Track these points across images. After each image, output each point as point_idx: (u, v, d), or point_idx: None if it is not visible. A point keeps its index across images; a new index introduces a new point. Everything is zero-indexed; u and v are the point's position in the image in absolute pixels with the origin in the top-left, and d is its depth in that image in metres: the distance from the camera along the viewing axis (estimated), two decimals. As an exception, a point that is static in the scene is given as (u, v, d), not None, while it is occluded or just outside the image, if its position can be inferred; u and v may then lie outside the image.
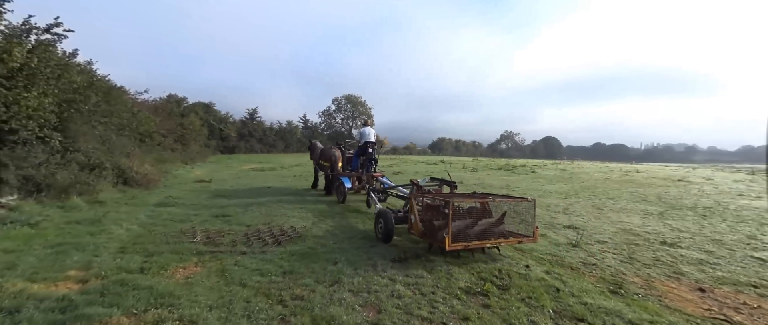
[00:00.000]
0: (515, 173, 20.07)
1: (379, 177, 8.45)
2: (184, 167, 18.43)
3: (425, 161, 32.32)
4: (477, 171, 21.08)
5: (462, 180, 14.71)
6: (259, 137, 39.76)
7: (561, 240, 5.31)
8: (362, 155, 9.23)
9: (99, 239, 4.61)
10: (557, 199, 10.00)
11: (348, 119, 60.66)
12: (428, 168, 22.65)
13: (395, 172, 19.02)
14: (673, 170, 29.44)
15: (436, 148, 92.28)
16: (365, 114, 59.16)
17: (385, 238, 4.81)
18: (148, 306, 2.83)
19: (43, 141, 7.68)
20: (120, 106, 13.64)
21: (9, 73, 6.88)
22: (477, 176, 17.73)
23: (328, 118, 59.89)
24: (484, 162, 35.60)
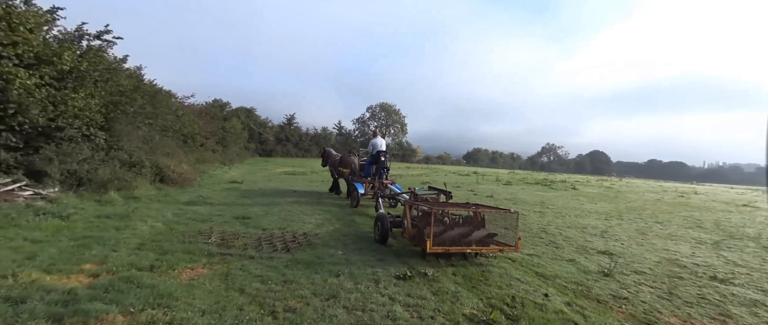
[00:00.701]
0: (553, 189, 18.90)
1: (389, 184, 8.80)
2: (222, 167, 19.37)
3: (457, 172, 31.55)
4: (511, 185, 20.13)
5: (492, 194, 14.09)
6: (295, 142, 41.12)
7: (591, 267, 4.77)
8: (375, 163, 9.55)
9: (122, 234, 4.82)
10: (596, 220, 9.17)
11: (381, 127, 61.06)
12: (458, 179, 22.03)
13: (423, 181, 18.65)
14: (738, 193, 26.31)
15: (470, 159, 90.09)
16: (399, 122, 59.25)
17: (381, 239, 5.17)
18: (146, 306, 2.84)
19: (88, 139, 8.35)
20: (165, 108, 14.64)
21: (59, 75, 7.58)
22: (510, 190, 16.88)
23: (362, 125, 60.73)
24: (520, 175, 34.06)
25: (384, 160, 9.49)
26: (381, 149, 9.54)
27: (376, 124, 59.89)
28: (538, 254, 5.30)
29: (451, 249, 4.40)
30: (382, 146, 9.63)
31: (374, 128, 44.62)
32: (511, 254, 5.15)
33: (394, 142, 61.58)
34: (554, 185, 21.59)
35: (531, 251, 5.44)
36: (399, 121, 61.40)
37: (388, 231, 5.11)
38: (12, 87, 6.45)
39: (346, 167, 10.09)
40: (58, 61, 7.63)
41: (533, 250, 5.55)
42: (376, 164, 9.50)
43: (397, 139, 62.28)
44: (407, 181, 18.25)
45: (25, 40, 6.90)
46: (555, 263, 4.86)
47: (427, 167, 40.51)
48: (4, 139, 6.63)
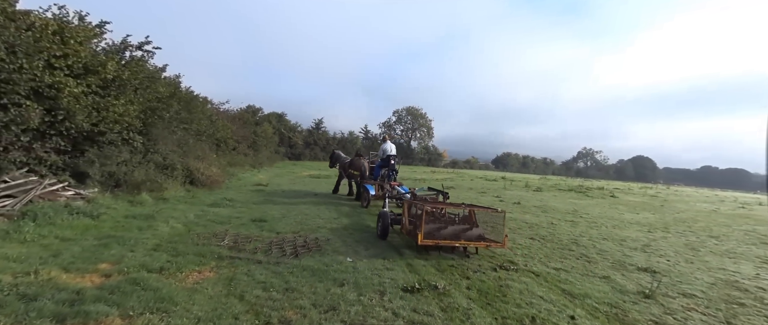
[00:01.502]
0: (588, 196, 17.69)
1: (396, 186, 9.15)
2: (252, 170, 20.04)
3: (484, 177, 30.55)
4: (541, 191, 19.08)
5: (520, 200, 13.40)
6: (322, 146, 41.95)
7: (629, 286, 4.26)
8: (385, 166, 10.05)
9: (143, 235, 4.99)
10: (637, 232, 8.37)
11: (408, 131, 60.81)
12: (484, 185, 21.26)
13: (448, 187, 18.18)
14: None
15: (499, 164, 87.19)
16: (425, 126, 58.65)
17: (382, 234, 5.69)
18: (145, 310, 2.84)
19: (127, 142, 8.89)
20: (199, 114, 15.39)
21: (103, 83, 8.12)
22: (539, 197, 15.98)
23: (388, 129, 60.74)
24: (552, 181, 32.34)
25: (393, 163, 9.99)
26: (391, 153, 10.02)
27: (402, 128, 59.70)
28: (566, 269, 4.85)
29: (440, 242, 4.91)
30: (391, 151, 10.11)
31: (384, 134, 46.03)
32: (535, 268, 4.77)
33: (420, 146, 60.94)
34: (590, 192, 20.21)
35: (558, 265, 4.99)
36: (425, 124, 60.77)
37: (388, 227, 5.65)
38: (62, 95, 6.98)
39: (356, 169, 10.57)
40: (103, 70, 8.20)
41: (561, 264, 5.09)
42: (386, 167, 10.00)
43: (423, 143, 61.63)
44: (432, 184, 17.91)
45: (75, 52, 7.48)
46: (585, 280, 4.41)
47: (453, 172, 39.65)
48: (55, 143, 7.18)
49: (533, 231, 7.49)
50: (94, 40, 8.86)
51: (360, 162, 10.52)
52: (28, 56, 6.00)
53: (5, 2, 5.82)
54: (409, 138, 61.31)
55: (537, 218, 9.47)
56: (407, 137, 61.13)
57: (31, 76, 6.11)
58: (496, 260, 5.05)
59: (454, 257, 4.96)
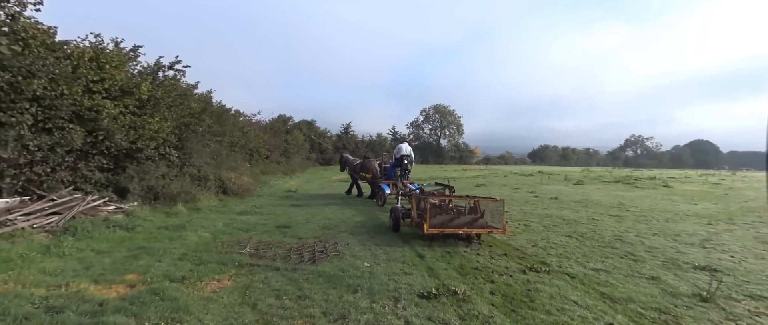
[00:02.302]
0: (638, 187, 16.27)
1: (408, 184, 9.52)
2: (284, 177, 20.63)
3: (519, 171, 29.21)
4: (582, 184, 17.85)
5: (557, 195, 12.59)
6: (351, 150, 42.38)
7: (682, 288, 3.74)
8: (398, 166, 10.54)
9: (171, 245, 5.18)
10: (695, 225, 7.49)
11: (436, 130, 59.82)
12: (518, 180, 20.27)
13: (478, 185, 17.57)
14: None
15: (536, 157, 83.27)
16: (454, 123, 57.42)
17: (394, 227, 6.21)
18: (160, 320, 2.88)
19: (163, 157, 9.42)
20: (231, 126, 16.07)
21: (139, 103, 8.67)
22: (581, 190, 14.93)
23: (416, 129, 60.21)
24: (596, 173, 30.25)
25: (406, 163, 10.48)
26: (404, 154, 10.48)
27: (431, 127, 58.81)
28: (607, 269, 4.37)
29: (445, 230, 5.41)
30: (404, 151, 10.55)
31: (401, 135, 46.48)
32: (571, 269, 4.36)
33: (449, 144, 59.65)
34: (640, 182, 18.56)
35: (598, 265, 4.52)
36: (454, 122, 59.47)
37: (399, 220, 6.20)
38: (101, 117, 7.53)
39: (367, 171, 11.08)
40: (138, 91, 8.77)
41: (602, 264, 4.60)
42: (399, 166, 10.52)
43: (452, 140, 60.30)
44: (461, 184, 17.39)
45: (111, 77, 8.05)
46: (629, 282, 3.93)
47: (485, 168, 38.35)
48: (97, 161, 7.76)
49: (571, 228, 6.93)
50: (129, 63, 9.51)
51: (371, 164, 11.10)
52: (68, 83, 6.51)
53: (45, 35, 6.36)
54: (438, 137, 60.36)
55: (576, 213, 8.79)
56: (436, 136, 60.21)
57: (72, 101, 6.63)
58: (526, 261, 4.68)
59: (468, 250, 5.08)
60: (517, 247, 5.44)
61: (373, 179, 10.69)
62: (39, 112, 6.01)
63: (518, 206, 10.01)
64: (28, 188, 6.11)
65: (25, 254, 4.08)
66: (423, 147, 56.81)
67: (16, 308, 2.80)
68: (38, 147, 6.01)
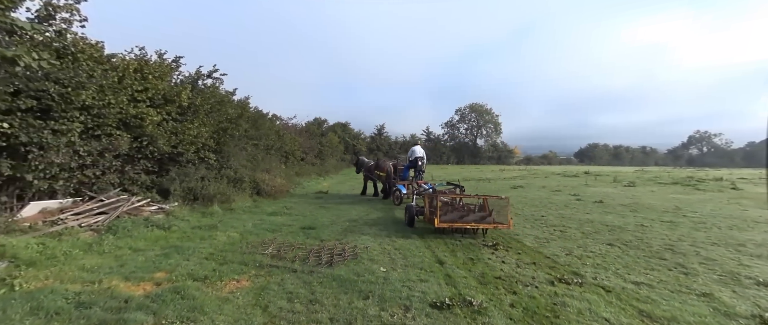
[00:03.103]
0: (699, 190, 14.60)
1: (423, 184, 9.87)
2: (317, 179, 21.14)
3: (563, 172, 27.49)
4: (634, 186, 16.37)
5: (603, 198, 11.62)
6: (385, 151, 42.59)
7: (740, 308, 3.21)
8: (413, 168, 11.05)
9: (201, 245, 5.42)
10: (766, 233, 6.50)
11: (472, 129, 58.13)
12: (561, 182, 19.05)
13: (515, 187, 16.75)
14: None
15: (584, 157, 78.01)
16: (492, 122, 55.51)
17: (408, 223, 6.84)
18: (177, 319, 2.98)
19: (202, 161, 10.00)
20: (267, 130, 16.75)
21: (180, 110, 9.27)
22: (631, 192, 13.68)
23: (451, 129, 58.96)
24: (651, 173, 27.69)
25: (421, 165, 10.92)
26: (418, 156, 10.93)
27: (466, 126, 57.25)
28: (650, 283, 3.88)
29: (454, 225, 5.95)
30: (418, 153, 11.00)
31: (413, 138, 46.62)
32: (607, 282, 3.94)
33: (487, 144, 57.63)
34: (703, 184, 16.64)
35: (640, 278, 4.03)
36: (492, 121, 57.40)
37: (413, 216, 6.78)
38: (145, 123, 8.15)
39: (382, 171, 11.55)
40: (179, 99, 9.41)
41: (645, 277, 4.11)
42: (414, 168, 10.99)
43: (490, 140, 58.19)
44: (497, 185, 16.72)
45: (154, 86, 8.70)
46: (675, 299, 3.45)
47: (524, 169, 36.54)
48: (143, 165, 8.41)
49: (614, 235, 6.31)
50: (172, 73, 10.23)
51: (385, 164, 11.64)
52: (115, 93, 7.10)
53: (93, 49, 7.00)
54: (474, 136, 58.62)
55: (622, 218, 8.02)
56: (472, 136, 58.52)
57: (119, 109, 7.23)
58: (557, 271, 4.30)
59: (492, 257, 4.86)
60: (549, 255, 5.03)
61: (388, 179, 11.21)
62: (88, 120, 6.61)
63: (556, 209, 9.36)
64: (81, 189, 6.74)
65: (69, 252, 4.46)
66: (458, 147, 55.52)
67: (49, 303, 3.04)
68: (88, 152, 6.61)
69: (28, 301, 3.07)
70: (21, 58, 3.65)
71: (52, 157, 6.06)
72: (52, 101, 6.07)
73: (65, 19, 6.08)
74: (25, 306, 2.98)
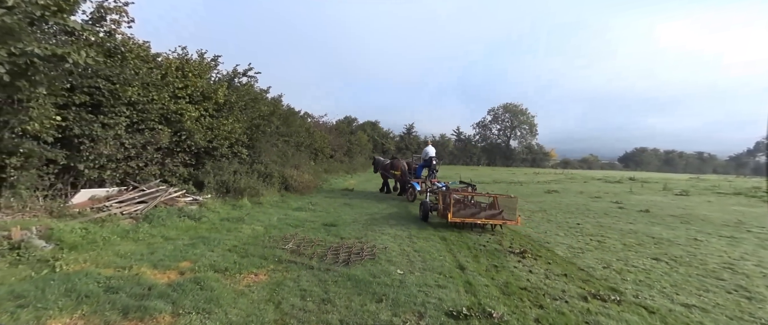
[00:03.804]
0: (766, 201, 12.95)
1: (436, 182, 10.21)
2: (345, 176, 21.37)
3: (604, 178, 25.68)
4: (688, 195, 14.92)
5: (649, 208, 10.67)
6: (413, 150, 42.24)
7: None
8: (427, 167, 11.62)
9: (227, 237, 5.59)
10: None
11: (505, 130, 56.03)
12: (601, 188, 17.79)
13: (549, 191, 15.88)
14: None
15: (630, 162, 72.68)
16: (526, 123, 53.20)
17: (423, 217, 7.35)
18: (193, 309, 3.04)
19: (236, 155, 10.40)
20: (297, 127, 17.17)
21: (216, 107, 9.69)
22: (684, 202, 12.46)
23: (482, 129, 57.19)
24: (709, 182, 25.15)
25: (434, 164, 11.47)
26: (431, 155, 11.55)
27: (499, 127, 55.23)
28: (704, 306, 3.43)
29: (466, 219, 6.50)
30: (432, 153, 11.62)
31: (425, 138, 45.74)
32: (651, 302, 3.55)
33: (521, 146, 55.24)
34: (772, 195, 14.76)
35: (692, 300, 3.58)
36: (527, 121, 54.95)
37: (427, 211, 7.33)
38: (184, 119, 8.60)
39: (396, 169, 12.14)
40: (215, 96, 9.85)
41: (698, 298, 3.64)
42: (427, 167, 11.53)
43: (524, 141, 55.73)
44: (529, 189, 15.95)
45: (193, 84, 9.16)
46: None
47: (561, 173, 34.56)
48: (181, 158, 8.89)
49: (661, 249, 5.72)
50: (211, 71, 10.72)
51: (399, 163, 12.22)
52: (158, 89, 7.54)
53: (140, 49, 7.47)
54: (507, 137, 56.48)
55: (672, 231, 7.27)
56: (505, 137, 56.42)
57: (161, 105, 7.67)
58: (591, 285, 3.93)
59: (519, 265, 4.42)
60: (583, 267, 4.63)
61: (402, 177, 11.80)
62: (134, 115, 7.07)
63: (594, 217, 8.69)
64: (126, 179, 7.23)
65: (108, 237, 4.76)
66: (490, 148, 53.79)
67: (82, 286, 3.23)
68: (133, 144, 7.07)
69: (64, 282, 3.28)
70: (69, 56, 3.93)
71: (101, 148, 6.55)
72: (102, 97, 6.56)
73: (115, 20, 6.53)
74: (61, 287, 3.19)
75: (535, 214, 9.09)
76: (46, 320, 2.67)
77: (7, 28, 3.35)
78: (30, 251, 3.86)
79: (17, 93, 4.00)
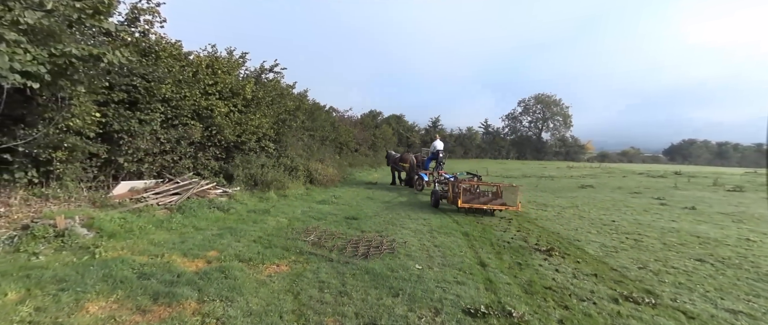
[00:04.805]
0: (836, 199, 11.58)
1: (443, 174, 11.08)
2: (369, 169, 21.47)
3: (646, 172, 24.04)
4: (743, 191, 13.66)
5: (695, 204, 9.89)
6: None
7: None
8: (434, 159, 12.67)
9: (252, 228, 5.78)
10: None
11: (537, 122, 53.71)
12: (642, 182, 16.67)
13: (582, 186, 15.13)
14: None
15: (676, 154, 67.59)
16: (560, 114, 50.75)
17: (434, 204, 8.38)
18: (216, 297, 3.17)
19: (263, 149, 10.72)
20: (322, 122, 17.40)
21: (245, 102, 10.00)
22: (737, 199, 11.43)
23: (512, 121, 55.18)
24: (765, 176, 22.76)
25: (442, 157, 12.61)
26: (439, 149, 12.64)
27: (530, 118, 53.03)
28: (753, 313, 3.15)
29: (473, 205, 7.51)
30: (439, 147, 12.70)
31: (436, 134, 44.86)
32: (692, 306, 3.30)
33: (553, 138, 52.77)
34: None
35: (738, 306, 3.30)
36: (561, 113, 52.31)
37: (438, 199, 8.34)
38: (214, 115, 8.96)
39: (405, 162, 13.01)
40: (243, 92, 10.17)
41: (746, 304, 3.35)
42: (435, 159, 12.60)
43: (557, 134, 53.13)
44: (561, 184, 15.29)
45: (222, 80, 9.50)
46: (792, 339, 2.69)
47: (597, 167, 32.68)
48: (212, 152, 9.29)
49: (706, 249, 5.26)
50: (239, 68, 11.06)
51: (408, 156, 13.04)
52: (190, 86, 7.88)
53: (172, 47, 7.83)
54: (539, 130, 54.18)
55: (721, 230, 6.69)
56: (537, 129, 54.14)
57: (193, 101, 8.02)
58: (624, 287, 3.69)
59: (544, 263, 4.13)
60: (616, 267, 4.35)
61: (411, 169, 12.64)
62: (168, 111, 7.45)
63: (632, 214, 8.16)
64: (162, 172, 7.66)
65: (144, 227, 5.07)
66: (520, 141, 51.92)
67: (118, 272, 3.45)
68: (167, 139, 7.47)
69: (102, 268, 3.53)
70: (104, 56, 4.18)
71: (138, 143, 6.97)
72: (138, 94, 6.96)
73: (148, 21, 6.87)
74: (99, 273, 3.43)
75: (565, 210, 8.67)
76: (85, 303, 2.88)
77: (47, 31, 3.60)
78: (73, 239, 4.19)
79: (60, 91, 4.32)
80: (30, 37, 3.92)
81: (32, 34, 3.98)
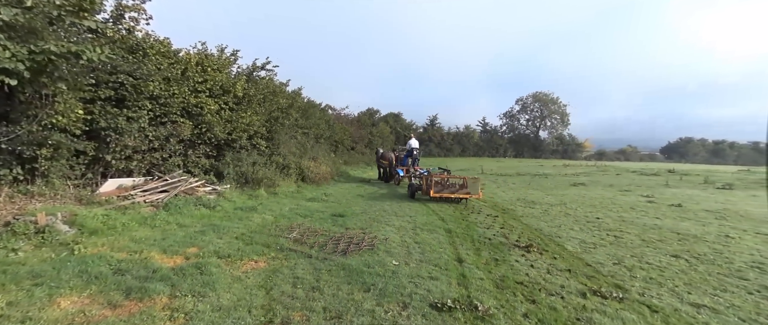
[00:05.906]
0: (824, 197, 11.67)
1: (418, 169, 12.49)
2: (364, 168, 21.51)
3: (640, 170, 24.14)
4: (731, 189, 13.75)
5: (682, 202, 9.97)
6: (436, 142, 41.73)
7: None
8: (409, 156, 13.86)
9: (236, 225, 5.82)
10: None
11: (534, 121, 53.75)
12: (635, 180, 16.74)
13: (575, 184, 15.20)
14: None
15: (673, 152, 67.76)
16: (558, 113, 50.81)
17: (410, 195, 9.77)
18: (189, 293, 3.21)
19: (255, 147, 10.74)
20: (317, 120, 17.41)
21: (236, 100, 10.02)
22: (724, 197, 11.53)
23: (510, 120, 55.21)
24: (761, 174, 22.90)
25: (416, 154, 13.88)
26: (414, 147, 13.89)
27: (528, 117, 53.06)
28: (716, 307, 3.19)
29: (443, 194, 8.91)
30: (415, 145, 13.97)
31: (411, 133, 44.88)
32: (658, 300, 3.35)
33: (551, 137, 52.81)
34: (834, 190, 13.26)
35: (703, 300, 3.35)
36: (558, 111, 52.37)
37: (415, 191, 9.78)
38: (204, 112, 8.97)
39: (385, 160, 14.38)
40: (234, 89, 10.18)
41: (711, 298, 3.41)
42: (410, 156, 13.81)
43: (555, 132, 53.15)
44: (553, 182, 15.37)
45: (212, 78, 9.51)
46: (749, 332, 2.75)
47: (592, 165, 32.79)
48: (203, 150, 9.31)
49: (684, 246, 5.33)
50: (230, 66, 11.06)
51: (388, 154, 14.48)
52: (179, 84, 7.90)
53: (160, 44, 7.84)
54: (536, 128, 54.23)
55: (702, 226, 6.75)
56: (534, 127, 54.19)
57: (182, 99, 8.04)
58: (595, 281, 3.75)
59: (521, 259, 4.13)
60: (591, 263, 4.42)
61: (390, 166, 14.05)
62: (156, 108, 7.46)
63: (618, 212, 8.23)
64: (152, 170, 7.68)
65: (127, 224, 5.11)
66: (517, 140, 51.97)
67: (94, 268, 3.50)
68: (156, 137, 7.49)
69: (79, 264, 3.57)
70: (83, 53, 4.21)
71: (126, 140, 6.98)
72: (126, 91, 6.97)
73: (133, 18, 6.88)
74: (75, 269, 3.47)
75: (553, 207, 8.74)
76: (57, 298, 2.93)
77: (28, 28, 3.62)
78: (53, 235, 4.23)
79: (42, 89, 4.34)
80: (9, 34, 3.94)
81: (12, 31, 4.01)
